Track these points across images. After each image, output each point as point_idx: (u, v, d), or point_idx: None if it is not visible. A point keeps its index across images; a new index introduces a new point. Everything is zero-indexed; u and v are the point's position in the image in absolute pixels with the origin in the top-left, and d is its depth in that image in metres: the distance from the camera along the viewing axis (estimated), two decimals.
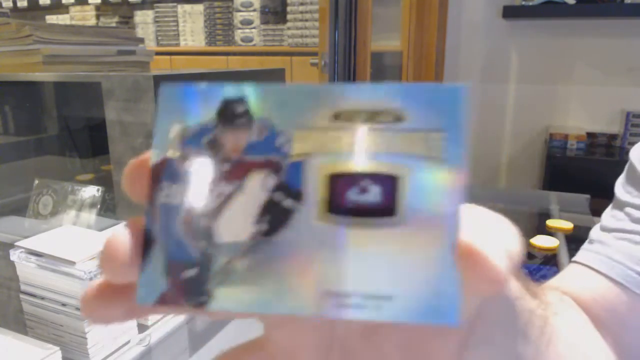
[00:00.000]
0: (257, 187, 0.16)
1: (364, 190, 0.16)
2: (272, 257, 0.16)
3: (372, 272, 0.15)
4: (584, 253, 0.42)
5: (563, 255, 0.91)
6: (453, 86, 0.16)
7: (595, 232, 0.43)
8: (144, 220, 0.17)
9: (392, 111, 0.16)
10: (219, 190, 0.16)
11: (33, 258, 0.57)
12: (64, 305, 0.57)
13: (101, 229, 0.68)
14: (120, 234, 0.17)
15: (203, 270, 0.16)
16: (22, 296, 0.60)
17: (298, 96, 0.17)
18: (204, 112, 0.17)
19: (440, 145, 0.16)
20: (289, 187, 0.16)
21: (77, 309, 0.56)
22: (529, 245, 0.94)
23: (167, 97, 0.17)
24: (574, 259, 0.42)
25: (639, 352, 0.38)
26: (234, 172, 0.17)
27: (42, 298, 0.58)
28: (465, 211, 0.16)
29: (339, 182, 0.16)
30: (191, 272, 0.16)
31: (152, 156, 0.17)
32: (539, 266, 0.86)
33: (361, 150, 0.16)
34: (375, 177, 0.16)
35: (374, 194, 0.16)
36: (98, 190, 0.85)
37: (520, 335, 0.25)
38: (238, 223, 0.16)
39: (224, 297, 0.16)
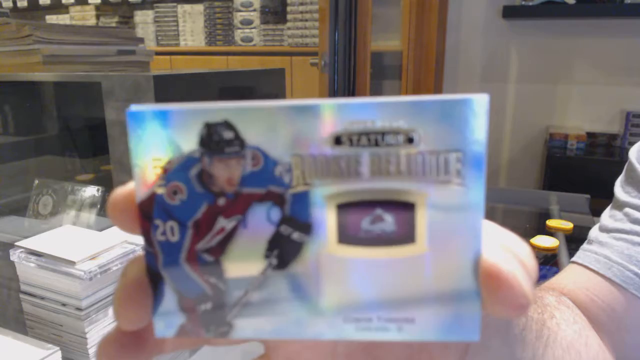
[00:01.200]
0: (261, 222, 0.15)
1: (378, 219, 0.15)
2: (287, 288, 0.16)
3: (392, 298, 0.15)
4: (583, 253, 0.42)
5: (563, 255, 0.91)
6: (468, 98, 0.14)
7: (594, 232, 0.43)
8: (145, 260, 0.16)
9: (400, 131, 0.14)
10: (220, 226, 0.16)
11: (33, 258, 0.57)
12: (64, 305, 0.57)
13: (101, 229, 0.68)
14: (129, 281, 0.16)
15: (218, 303, 0.16)
16: (22, 296, 0.60)
17: (290, 117, 0.15)
18: (183, 139, 0.15)
19: (456, 168, 0.14)
20: (296, 220, 0.15)
21: (77, 309, 0.56)
22: (529, 246, 0.94)
23: (139, 123, 0.15)
24: (572, 259, 0.42)
25: (637, 353, 0.38)
26: (233, 206, 0.16)
27: (42, 298, 0.58)
28: (484, 230, 0.15)
29: (350, 212, 0.15)
30: (206, 306, 0.16)
31: (136, 190, 0.16)
32: (539, 266, 0.86)
33: (370, 177, 0.15)
34: (388, 205, 0.15)
35: (389, 222, 0.15)
36: (98, 190, 0.85)
37: (517, 340, 0.25)
38: (246, 258, 0.16)
39: (244, 326, 0.16)
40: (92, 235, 0.64)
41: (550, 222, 1.03)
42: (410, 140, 0.15)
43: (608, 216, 0.43)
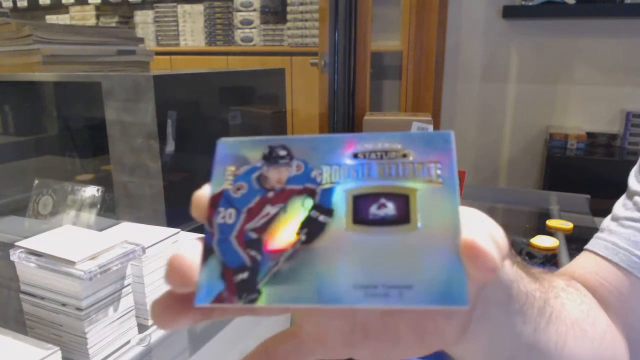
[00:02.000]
0: (297, 208, 0.21)
1: (382, 206, 0.20)
2: (311, 261, 0.20)
3: (393, 267, 0.19)
4: (594, 241, 0.44)
5: (563, 255, 0.91)
6: (442, 132, 0.22)
7: (606, 222, 0.45)
8: (203, 238, 0.21)
9: (398, 150, 0.21)
10: (266, 211, 0.21)
11: (33, 258, 0.57)
12: (64, 305, 0.57)
13: (101, 229, 0.68)
14: (182, 252, 0.20)
15: (253, 273, 0.20)
16: (22, 296, 0.60)
17: (324, 143, 0.22)
18: (252, 157, 0.22)
19: (437, 172, 0.21)
20: (323, 206, 0.21)
21: (77, 309, 0.56)
22: (529, 245, 0.94)
23: (223, 147, 0.23)
24: (585, 246, 0.45)
25: None
26: (278, 197, 0.21)
27: (42, 298, 0.58)
28: (463, 213, 0.20)
29: (362, 201, 0.21)
30: (243, 275, 0.20)
31: (211, 188, 0.22)
32: (539, 266, 0.86)
33: (377, 178, 0.21)
34: (390, 195, 0.20)
35: (390, 208, 0.20)
36: (98, 190, 0.85)
37: (518, 314, 0.28)
38: (282, 235, 0.20)
39: (271, 294, 0.19)
40: (92, 235, 0.64)
41: (550, 222, 1.03)
42: (404, 156, 0.21)
43: (620, 205, 0.45)
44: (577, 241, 0.96)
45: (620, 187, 0.48)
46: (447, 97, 2.28)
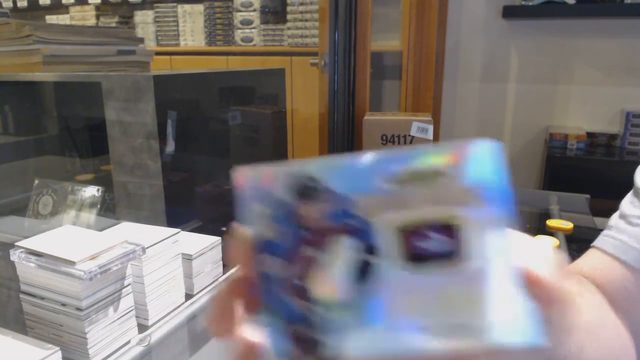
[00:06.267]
0: (340, 249, 0.19)
1: (432, 239, 0.18)
2: (367, 306, 0.18)
3: (454, 306, 0.17)
4: (602, 238, 0.44)
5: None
6: (486, 142, 0.18)
7: (613, 219, 0.45)
8: (245, 285, 0.20)
9: (438, 170, 0.18)
10: (310, 255, 0.19)
11: (33, 258, 0.57)
12: (63, 305, 0.57)
13: (101, 229, 0.68)
14: (222, 301, 0.20)
15: (310, 324, 0.19)
16: (22, 296, 0.60)
17: (352, 166, 0.19)
18: (281, 189, 0.20)
19: (486, 196, 0.17)
20: (368, 245, 0.19)
21: (77, 309, 0.56)
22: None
23: (244, 179, 0.21)
24: (592, 243, 0.45)
25: None
26: (318, 238, 0.19)
27: (42, 298, 0.58)
28: (515, 241, 0.18)
29: (409, 235, 0.18)
30: (303, 328, 0.19)
31: (247, 232, 0.20)
32: None
33: (420, 206, 0.18)
34: (439, 228, 0.18)
35: (441, 241, 0.18)
36: (98, 190, 0.85)
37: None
38: (331, 281, 0.19)
39: (334, 344, 0.19)
40: (92, 235, 0.64)
41: (550, 222, 1.03)
42: (445, 177, 0.18)
43: (628, 202, 0.45)
44: (577, 241, 0.96)
45: (620, 187, 0.48)
46: (447, 97, 2.28)
